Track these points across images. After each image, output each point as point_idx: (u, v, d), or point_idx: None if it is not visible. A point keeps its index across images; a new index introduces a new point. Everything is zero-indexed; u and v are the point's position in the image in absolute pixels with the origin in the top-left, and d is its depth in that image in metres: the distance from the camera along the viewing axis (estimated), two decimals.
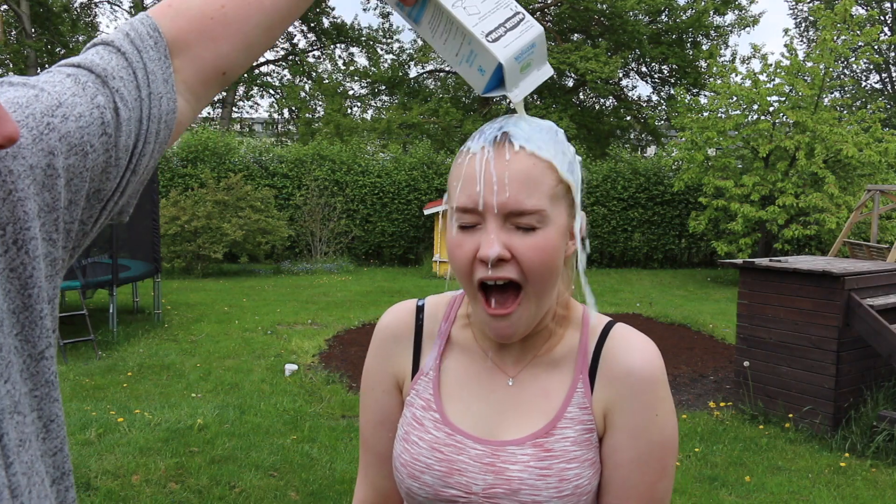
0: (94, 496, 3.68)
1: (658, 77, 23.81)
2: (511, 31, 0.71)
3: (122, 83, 0.54)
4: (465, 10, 0.71)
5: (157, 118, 0.56)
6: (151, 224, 8.48)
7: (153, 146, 0.56)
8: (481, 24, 0.71)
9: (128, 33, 0.57)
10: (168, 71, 0.58)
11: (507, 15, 0.72)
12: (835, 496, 3.98)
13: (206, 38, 0.60)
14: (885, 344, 4.50)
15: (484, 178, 0.80)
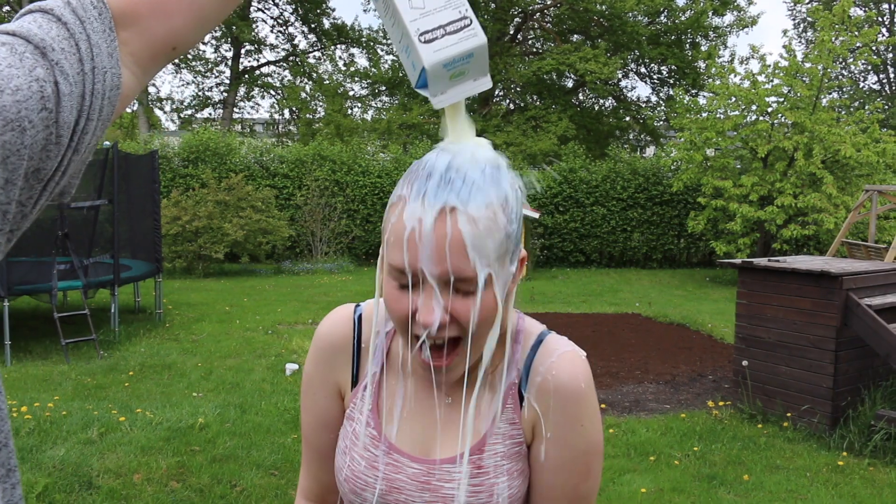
0: (96, 495, 3.70)
1: (657, 78, 23.83)
2: (449, 36, 0.66)
3: (64, 55, 0.50)
4: (408, 1, 0.66)
5: (101, 94, 0.52)
6: (153, 224, 8.50)
7: (96, 123, 0.52)
8: (420, 21, 0.66)
9: (69, 1, 0.53)
10: (113, 44, 0.54)
11: (452, 17, 0.66)
12: (833, 495, 4.00)
13: (158, 12, 0.56)
14: (882, 343, 4.53)
15: (422, 244, 0.74)
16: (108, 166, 7.68)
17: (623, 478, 4.16)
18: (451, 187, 0.74)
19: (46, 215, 7.17)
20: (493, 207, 0.77)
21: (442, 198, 0.74)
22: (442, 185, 0.74)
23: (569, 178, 15.99)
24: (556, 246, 16.04)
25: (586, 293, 11.91)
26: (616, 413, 5.45)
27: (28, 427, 4.47)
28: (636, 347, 7.70)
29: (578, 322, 9.14)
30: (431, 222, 0.73)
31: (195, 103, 24.83)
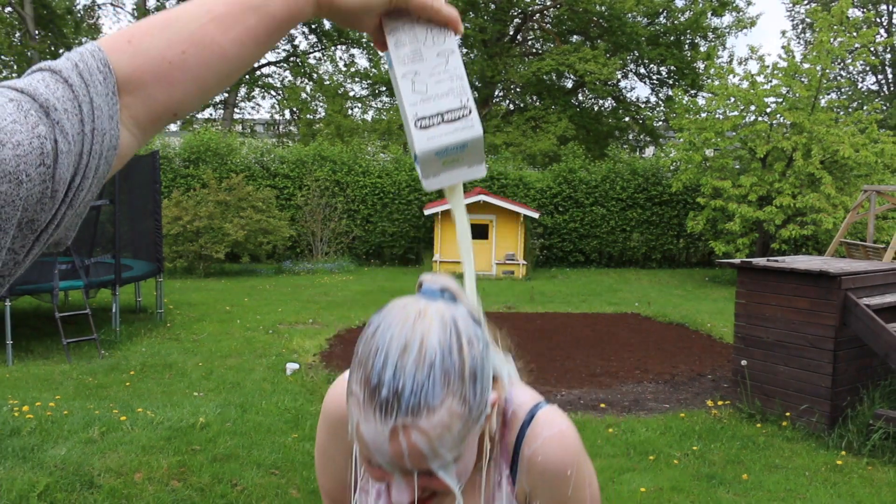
0: (97, 494, 3.72)
1: (656, 78, 23.85)
2: (446, 125, 0.65)
3: (66, 116, 0.53)
4: (412, 84, 0.65)
5: (98, 154, 0.55)
6: (154, 224, 8.52)
7: (91, 181, 0.55)
8: (419, 106, 0.65)
9: (76, 64, 0.56)
10: (115, 107, 0.57)
11: (452, 106, 0.65)
12: (831, 494, 4.02)
13: (162, 82, 0.59)
14: (881, 343, 4.54)
15: (383, 458, 0.74)
16: None
17: (622, 477, 4.17)
18: (399, 403, 0.72)
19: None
20: (445, 409, 0.73)
21: (391, 417, 0.72)
22: (390, 400, 0.72)
23: (569, 179, 16.00)
24: (555, 246, 16.05)
25: (586, 293, 11.93)
26: (615, 412, 5.46)
27: (29, 426, 4.49)
28: (636, 347, 7.71)
29: (578, 322, 9.16)
30: (387, 442, 0.72)
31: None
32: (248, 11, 0.61)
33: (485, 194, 13.95)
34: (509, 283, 13.26)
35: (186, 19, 0.60)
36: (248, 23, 0.61)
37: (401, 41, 0.66)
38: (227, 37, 0.61)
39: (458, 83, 0.65)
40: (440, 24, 0.66)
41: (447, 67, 0.65)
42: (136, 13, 22.56)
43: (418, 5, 0.65)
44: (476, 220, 14.15)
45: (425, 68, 0.65)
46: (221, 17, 0.60)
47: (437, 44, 0.66)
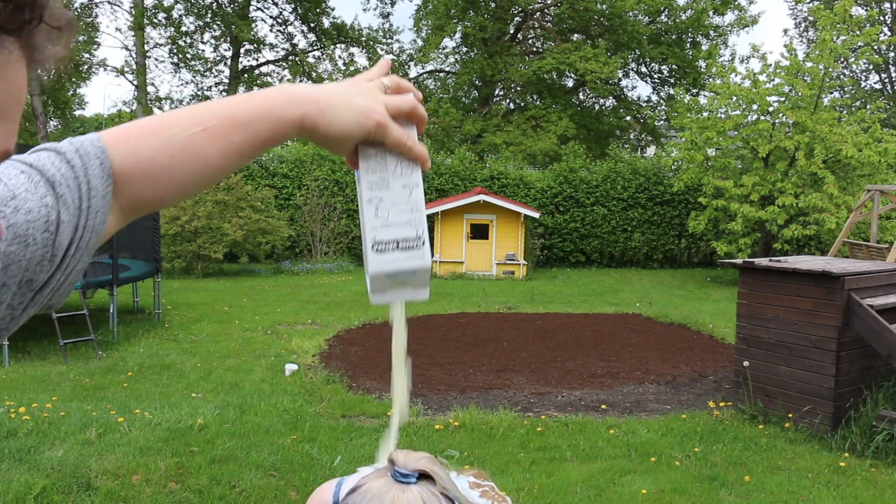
0: (95, 496, 3.69)
1: (657, 77, 23.82)
2: (400, 252, 0.70)
3: (68, 191, 0.60)
4: (375, 209, 0.70)
5: (91, 229, 0.62)
6: (152, 224, 8.49)
7: (82, 252, 0.62)
8: (378, 231, 0.70)
9: (77, 148, 0.63)
10: (108, 189, 0.63)
11: (409, 235, 0.70)
12: (834, 496, 3.98)
13: (149, 180, 0.65)
14: (884, 344, 4.51)
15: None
16: None
17: (623, 479, 4.14)
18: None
19: None
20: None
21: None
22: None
23: (569, 178, 15.97)
24: (556, 246, 16.02)
25: (587, 293, 11.89)
26: (616, 414, 5.43)
27: (26, 428, 4.46)
28: (637, 347, 7.68)
29: (578, 322, 9.12)
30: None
31: (194, 103, 24.80)
32: (236, 128, 0.66)
33: (485, 194, 13.92)
34: (510, 283, 13.23)
35: (180, 127, 0.66)
36: (234, 139, 0.67)
37: (372, 168, 0.71)
38: (214, 148, 0.66)
39: (417, 215, 0.70)
40: (410, 159, 0.72)
41: (409, 199, 0.70)
42: (133, 11, 22.54)
43: (393, 142, 0.70)
44: (476, 220, 14.11)
45: (389, 197, 0.70)
46: (211, 130, 0.66)
47: (405, 176, 0.71)
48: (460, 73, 22.89)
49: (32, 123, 21.55)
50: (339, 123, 0.69)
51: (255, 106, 0.67)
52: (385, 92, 0.72)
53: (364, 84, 0.72)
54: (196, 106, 0.68)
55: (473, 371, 6.60)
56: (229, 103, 0.68)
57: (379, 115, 0.69)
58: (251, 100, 0.68)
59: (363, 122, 0.69)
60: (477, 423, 4.99)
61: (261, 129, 0.67)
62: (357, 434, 4.73)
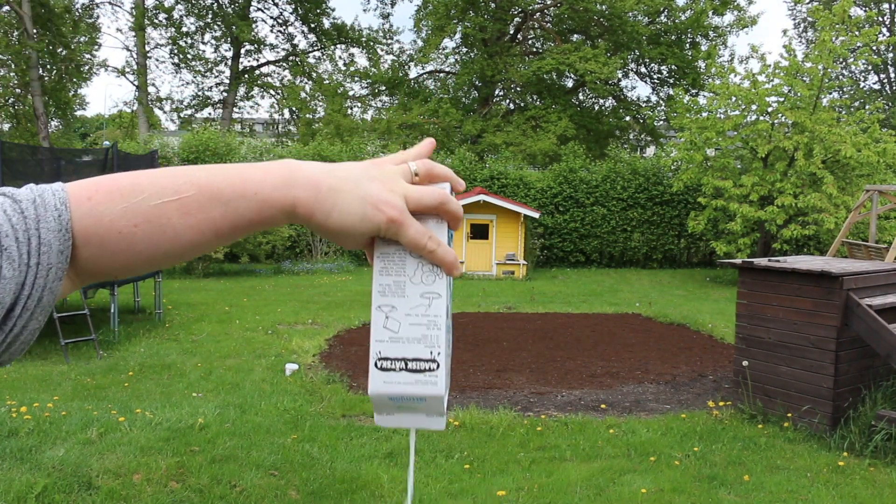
0: (96, 495, 3.70)
1: (657, 77, 23.83)
2: (406, 373, 0.60)
3: (15, 244, 0.54)
4: (385, 318, 0.60)
5: (42, 286, 0.56)
6: None
7: (32, 312, 0.56)
8: (385, 345, 0.60)
9: (36, 198, 0.56)
10: (66, 245, 0.57)
11: (420, 355, 0.60)
12: (833, 495, 3.99)
13: (105, 249, 0.58)
14: (883, 343, 4.52)
15: None
16: (107, 166, 7.68)
17: (623, 478, 4.15)
18: None
19: None
20: None
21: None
22: None
23: (569, 178, 15.98)
24: (556, 246, 16.03)
25: (586, 293, 11.90)
26: (616, 413, 5.44)
27: (27, 427, 4.47)
28: (636, 347, 7.69)
29: (578, 322, 9.14)
30: None
31: (195, 103, 24.83)
32: (214, 203, 0.58)
33: (485, 194, 13.93)
34: (510, 283, 13.24)
35: (152, 192, 0.58)
36: (212, 214, 0.58)
37: (386, 268, 0.61)
38: (186, 222, 0.58)
39: (434, 332, 0.60)
40: (434, 264, 0.61)
41: (427, 311, 0.60)
42: (134, 12, 22.54)
43: (410, 242, 0.60)
44: (476, 220, 14.12)
45: (404, 305, 0.61)
46: (186, 202, 0.58)
47: (425, 283, 0.61)
48: (460, 74, 22.90)
49: (34, 124, 21.56)
50: (340, 215, 0.59)
51: (241, 181, 0.59)
52: (412, 180, 0.62)
53: (386, 168, 0.62)
54: (178, 169, 0.60)
55: (473, 371, 6.61)
56: (214, 173, 0.60)
57: (393, 208, 0.59)
58: (240, 173, 0.59)
59: (371, 215, 0.59)
60: (477, 422, 5.01)
61: (243, 208, 0.59)
62: (357, 434, 4.74)
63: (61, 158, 8.87)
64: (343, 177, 0.59)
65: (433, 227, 0.61)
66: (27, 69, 20.67)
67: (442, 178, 0.63)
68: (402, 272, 0.61)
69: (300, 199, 0.58)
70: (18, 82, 21.91)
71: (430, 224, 0.61)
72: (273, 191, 0.58)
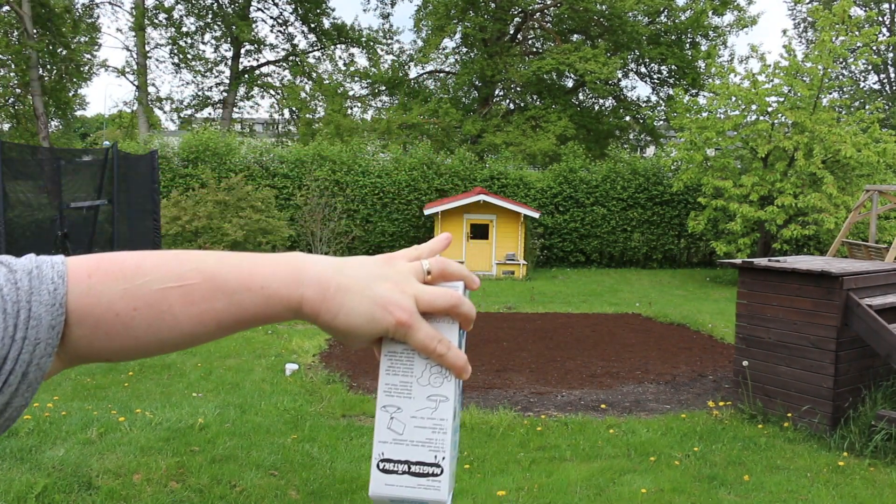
0: (96, 495, 3.70)
1: (657, 77, 23.83)
2: (409, 476, 0.59)
3: (2, 315, 0.52)
4: (390, 419, 0.60)
5: (27, 362, 0.53)
6: (153, 224, 8.50)
7: (16, 387, 0.53)
8: (388, 447, 0.59)
9: (33, 269, 0.54)
10: (58, 320, 0.54)
11: (424, 459, 0.59)
12: (833, 495, 3.99)
13: (101, 330, 0.55)
14: (883, 343, 4.52)
15: None
16: (107, 166, 7.68)
17: (623, 478, 4.15)
18: None
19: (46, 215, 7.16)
20: None
21: None
22: None
23: (569, 178, 15.98)
24: (556, 246, 16.03)
25: (586, 293, 11.90)
26: (616, 413, 5.44)
27: (27, 427, 4.47)
28: (636, 347, 7.69)
29: (578, 322, 9.14)
30: None
31: (195, 103, 24.83)
32: (218, 294, 0.56)
33: (485, 194, 13.93)
34: (510, 283, 13.24)
35: (155, 276, 0.56)
36: (215, 305, 0.57)
37: (394, 368, 0.60)
38: (188, 311, 0.56)
39: (440, 436, 0.59)
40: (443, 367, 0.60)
41: (433, 415, 0.60)
42: (134, 12, 22.54)
43: (420, 346, 0.58)
44: (476, 220, 14.12)
45: (410, 407, 0.60)
46: (189, 290, 0.56)
47: (433, 385, 0.60)
48: (460, 74, 22.90)
49: (34, 124, 21.56)
50: (347, 316, 0.57)
51: (248, 273, 0.57)
52: (424, 278, 0.60)
53: (398, 265, 0.60)
54: (186, 254, 0.58)
55: (473, 371, 6.62)
56: (222, 262, 0.58)
57: (402, 311, 0.57)
58: (250, 264, 0.58)
59: (380, 317, 0.57)
60: (477, 422, 5.01)
61: (248, 302, 0.57)
62: (357, 434, 4.74)
63: (61, 158, 8.87)
64: (353, 275, 0.58)
65: (444, 328, 0.60)
66: (27, 69, 20.67)
67: (456, 277, 0.61)
68: (409, 373, 0.60)
69: (307, 297, 0.57)
70: (18, 82, 21.91)
71: (441, 324, 0.60)
72: (280, 287, 0.57)
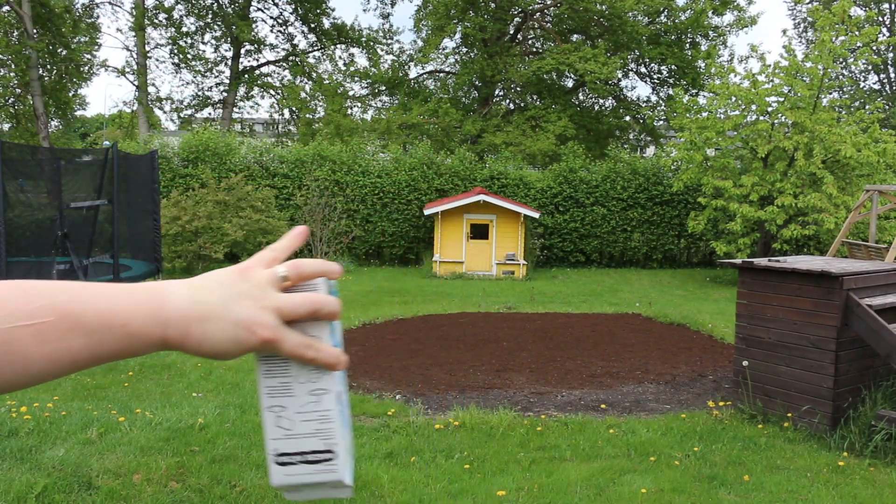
0: (96, 495, 3.70)
1: (657, 77, 23.83)
2: (306, 465, 0.61)
3: None
4: (277, 418, 0.61)
5: None
6: (152, 224, 8.50)
7: None
8: (281, 442, 0.61)
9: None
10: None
11: (316, 447, 0.61)
12: (833, 495, 3.99)
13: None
14: (883, 343, 4.52)
15: None
16: (107, 166, 7.67)
17: (623, 478, 4.15)
18: None
19: (46, 215, 7.16)
20: None
21: None
22: None
23: (569, 178, 15.98)
24: (556, 246, 16.03)
25: (586, 293, 11.90)
26: (616, 413, 5.44)
27: (27, 427, 4.47)
28: (636, 347, 7.69)
29: (578, 322, 9.14)
30: None
31: (195, 103, 24.83)
32: (75, 332, 0.54)
33: (485, 194, 13.94)
34: (509, 283, 13.24)
35: (5, 313, 0.53)
36: (72, 344, 0.54)
37: (271, 371, 0.61)
38: (41, 350, 0.53)
39: (327, 426, 0.61)
40: None
41: (317, 408, 0.61)
42: (134, 12, 22.54)
43: (290, 355, 0.59)
44: (476, 220, 14.13)
45: (293, 404, 0.61)
46: (42, 328, 0.53)
47: (311, 381, 0.61)
48: (460, 74, 22.90)
49: (34, 124, 21.56)
50: (213, 344, 0.57)
51: (107, 310, 0.55)
52: (282, 286, 0.59)
53: (255, 278, 0.58)
54: (33, 288, 0.55)
55: (473, 371, 6.61)
56: (75, 297, 0.55)
57: (265, 328, 0.57)
58: (107, 300, 0.55)
59: (244, 339, 0.57)
60: (477, 422, 5.01)
61: (108, 341, 0.55)
62: (357, 434, 4.74)
63: (61, 158, 8.87)
64: (211, 301, 0.57)
65: (312, 328, 0.60)
66: (27, 69, 20.68)
67: (314, 276, 0.60)
68: (287, 374, 0.61)
69: (170, 334, 0.56)
70: (18, 82, 21.91)
71: (308, 325, 0.60)
72: (142, 326, 0.56)
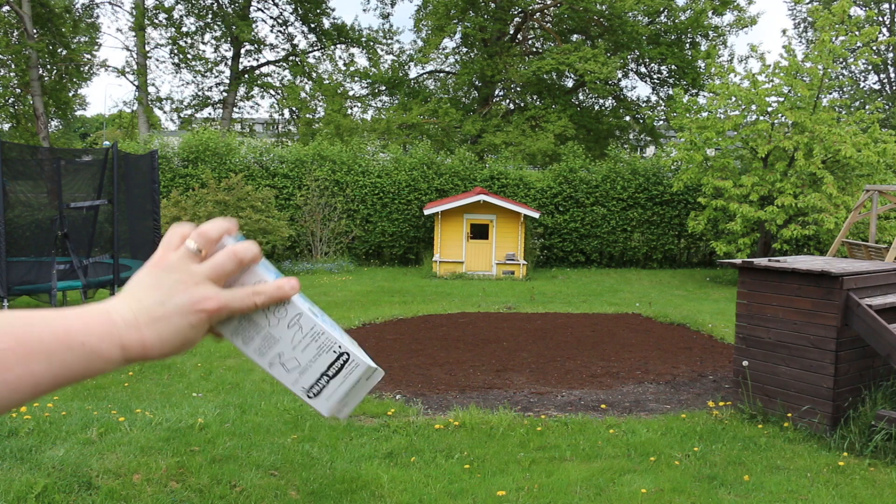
0: (96, 495, 3.70)
1: (657, 77, 23.83)
2: (334, 379, 0.64)
3: None
4: (282, 366, 0.63)
5: None
6: (152, 224, 8.50)
7: None
8: (301, 379, 0.63)
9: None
10: None
11: (330, 360, 0.63)
12: (833, 495, 3.99)
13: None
14: (883, 343, 4.52)
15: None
16: (107, 166, 7.67)
17: (623, 478, 4.15)
18: None
19: (46, 215, 7.16)
20: None
21: None
22: None
23: (569, 178, 15.98)
24: (556, 246, 16.03)
25: (586, 293, 11.90)
26: (616, 413, 5.44)
27: (27, 427, 4.47)
28: (636, 347, 7.69)
29: (578, 322, 9.14)
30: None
31: (195, 103, 24.83)
32: (35, 356, 0.53)
33: (485, 194, 13.93)
34: (510, 283, 13.24)
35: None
36: (33, 368, 0.53)
37: (245, 336, 0.63)
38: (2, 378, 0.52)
39: (324, 338, 0.63)
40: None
41: (303, 332, 0.63)
42: (134, 12, 22.54)
43: (243, 312, 0.60)
44: (476, 220, 14.12)
45: (285, 346, 0.63)
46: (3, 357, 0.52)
47: (281, 317, 0.63)
48: (460, 74, 22.90)
49: (34, 124, 21.56)
50: (171, 342, 0.58)
51: (63, 330, 0.54)
52: (198, 258, 0.60)
53: (174, 262, 0.59)
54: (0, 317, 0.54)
55: (473, 371, 6.61)
56: (27, 322, 0.54)
57: (209, 300, 0.58)
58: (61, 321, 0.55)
59: (195, 321, 0.58)
60: (477, 422, 5.01)
61: (69, 360, 0.54)
62: (357, 434, 4.74)
63: (61, 158, 8.86)
64: (150, 305, 0.57)
65: (246, 278, 0.62)
66: (27, 69, 20.68)
67: (220, 236, 0.61)
68: (257, 327, 0.63)
69: (129, 343, 0.56)
70: (18, 82, 21.90)
71: (241, 279, 0.62)
72: (100, 342, 0.55)
